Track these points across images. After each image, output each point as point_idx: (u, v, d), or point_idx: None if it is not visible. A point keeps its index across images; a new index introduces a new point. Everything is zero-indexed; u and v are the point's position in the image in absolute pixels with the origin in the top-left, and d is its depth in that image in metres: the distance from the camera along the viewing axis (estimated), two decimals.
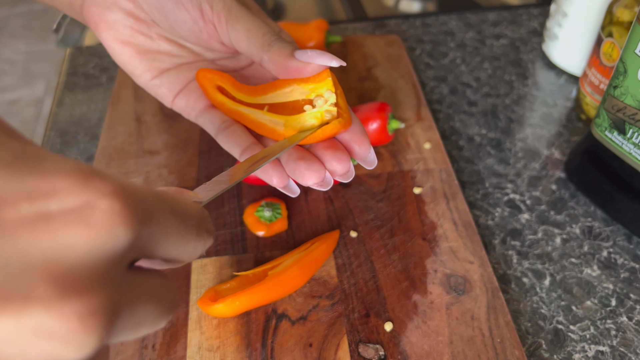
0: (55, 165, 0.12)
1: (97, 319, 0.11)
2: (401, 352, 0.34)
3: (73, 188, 0.11)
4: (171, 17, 0.30)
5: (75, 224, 0.11)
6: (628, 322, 0.38)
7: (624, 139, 0.40)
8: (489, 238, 0.43)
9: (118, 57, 0.33)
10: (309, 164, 0.28)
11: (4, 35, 2.05)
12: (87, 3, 0.32)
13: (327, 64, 0.28)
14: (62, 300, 0.11)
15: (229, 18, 0.29)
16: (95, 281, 0.12)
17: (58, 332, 0.11)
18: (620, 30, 0.46)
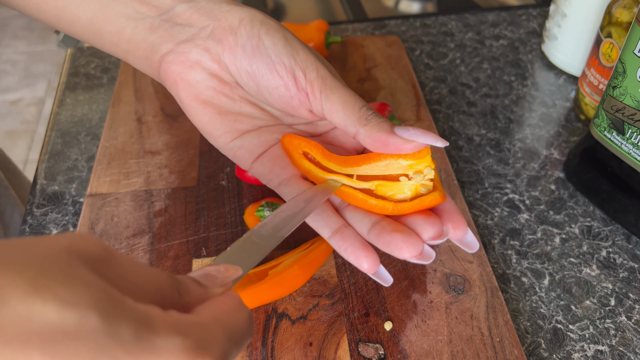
0: (166, 349, 0.15)
1: None
2: (401, 351, 0.35)
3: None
4: (263, 82, 0.30)
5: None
6: (627, 321, 0.38)
7: (622, 139, 0.40)
8: (488, 238, 0.43)
9: (198, 117, 0.32)
10: (406, 237, 0.27)
11: (5, 36, 2.06)
12: (167, 61, 0.31)
13: (431, 144, 0.28)
14: None
15: (323, 88, 0.29)
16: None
17: None
18: (619, 31, 0.47)
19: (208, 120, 0.31)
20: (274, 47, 0.29)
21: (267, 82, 0.29)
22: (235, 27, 0.29)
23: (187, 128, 0.50)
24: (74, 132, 0.52)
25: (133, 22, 0.31)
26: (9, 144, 1.66)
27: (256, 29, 0.29)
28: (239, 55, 0.29)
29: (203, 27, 0.30)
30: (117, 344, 0.14)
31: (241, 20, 0.29)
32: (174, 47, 0.31)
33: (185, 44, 0.30)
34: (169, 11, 0.30)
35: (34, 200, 0.46)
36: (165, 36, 0.31)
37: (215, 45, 0.30)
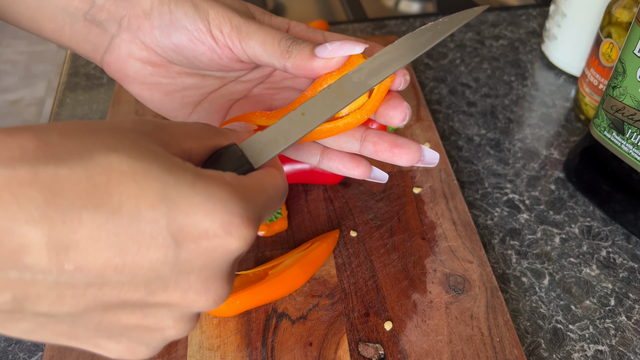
0: (207, 206, 0.18)
1: (222, 299, 0.20)
2: (401, 351, 0.35)
3: (220, 233, 0.18)
4: (189, 53, 0.31)
5: (220, 251, 0.19)
6: (627, 321, 0.38)
7: (622, 139, 0.40)
8: (488, 238, 0.43)
9: (150, 104, 0.33)
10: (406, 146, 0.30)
11: (5, 36, 2.06)
12: (105, 61, 0.32)
13: (351, 53, 0.29)
14: (207, 292, 0.19)
15: (240, 37, 0.30)
16: (225, 278, 0.20)
17: (200, 306, 0.19)
18: (619, 31, 0.47)
19: (160, 104, 0.33)
20: (186, 17, 0.30)
21: (193, 51, 0.31)
22: (148, 11, 0.30)
23: None
24: None
25: (69, 20, 0.31)
26: None
27: (165, 6, 0.30)
28: (158, 36, 0.30)
29: (121, 18, 0.31)
30: (175, 193, 0.18)
31: (152, 3, 0.30)
32: (108, 46, 0.32)
33: (115, 39, 0.31)
34: (93, 6, 0.31)
35: None
36: (99, 34, 0.32)
37: (137, 33, 0.31)
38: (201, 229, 0.18)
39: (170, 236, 0.17)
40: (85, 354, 0.34)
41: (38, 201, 0.15)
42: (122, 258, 0.17)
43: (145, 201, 0.17)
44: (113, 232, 0.16)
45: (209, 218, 0.18)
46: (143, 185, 0.17)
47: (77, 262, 0.16)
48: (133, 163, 0.17)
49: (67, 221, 0.16)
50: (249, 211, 0.19)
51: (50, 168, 0.16)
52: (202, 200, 0.18)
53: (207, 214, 0.18)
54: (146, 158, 0.18)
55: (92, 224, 0.16)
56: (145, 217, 0.17)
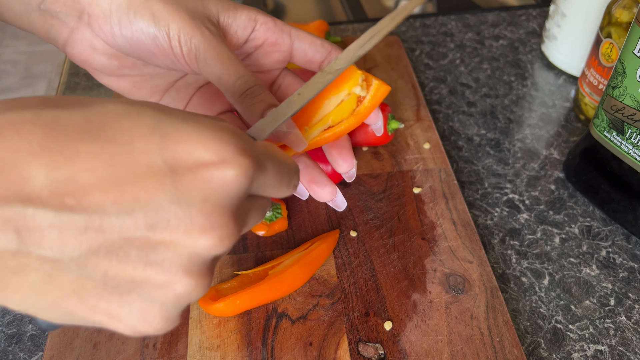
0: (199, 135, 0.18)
1: (229, 238, 0.19)
2: (400, 351, 0.35)
3: (216, 159, 0.18)
4: (150, 60, 0.32)
5: (217, 181, 0.18)
6: (627, 321, 0.38)
7: (622, 139, 0.40)
8: (488, 238, 0.43)
9: (119, 90, 0.34)
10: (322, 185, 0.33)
11: (5, 36, 2.06)
12: (68, 52, 0.32)
13: (289, 144, 0.31)
14: (211, 227, 0.18)
15: (198, 61, 0.30)
16: (229, 214, 0.19)
17: (206, 245, 0.18)
18: (619, 31, 0.47)
19: (129, 93, 0.35)
20: (146, 30, 0.30)
21: (155, 59, 0.31)
22: (107, 14, 0.30)
23: None
24: None
25: (25, 9, 0.32)
26: None
27: (124, 14, 0.30)
28: (120, 42, 0.31)
29: (80, 13, 0.31)
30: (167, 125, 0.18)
31: (110, 6, 0.30)
32: (68, 37, 0.32)
33: (75, 33, 0.31)
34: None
35: None
36: (56, 25, 0.32)
37: (99, 33, 0.31)
38: (195, 157, 0.18)
39: (164, 164, 0.17)
40: (85, 354, 0.34)
41: (38, 136, 0.16)
42: (119, 189, 0.17)
43: (138, 132, 0.18)
44: (109, 162, 0.17)
45: (202, 146, 0.18)
46: (136, 120, 0.18)
47: (77, 195, 0.16)
48: (128, 107, 0.18)
49: (65, 152, 0.16)
50: (244, 143, 0.19)
51: (51, 111, 0.17)
52: (194, 131, 0.18)
53: (200, 142, 0.18)
54: (142, 104, 0.19)
55: (88, 154, 0.17)
56: (139, 147, 0.17)
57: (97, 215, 0.17)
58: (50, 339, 0.35)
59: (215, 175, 0.18)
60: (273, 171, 0.21)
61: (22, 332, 0.37)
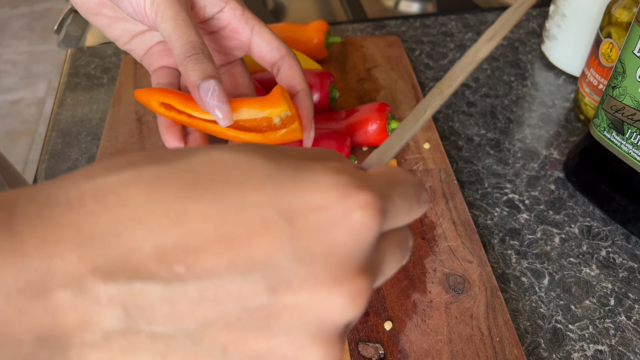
0: (314, 182, 0.16)
1: (361, 296, 0.16)
2: (400, 351, 0.35)
3: (336, 204, 0.16)
4: (122, 8, 0.35)
5: (342, 229, 0.16)
6: (627, 321, 0.38)
7: (622, 139, 0.40)
8: (488, 237, 0.43)
9: (96, 26, 0.39)
10: None
11: (5, 36, 2.06)
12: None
13: (214, 117, 0.32)
14: (339, 285, 0.16)
15: (156, 16, 0.33)
16: (359, 267, 0.16)
17: (336, 308, 0.16)
18: (618, 31, 0.47)
19: (103, 30, 0.39)
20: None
21: (124, 6, 0.34)
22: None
23: None
24: (74, 132, 0.52)
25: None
26: (10, 144, 1.66)
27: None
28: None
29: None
30: (280, 174, 0.16)
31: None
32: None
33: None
34: None
35: None
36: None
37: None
38: (313, 204, 0.16)
39: (280, 217, 0.15)
40: None
41: (141, 199, 0.15)
42: (233, 251, 0.15)
43: (250, 185, 0.16)
44: (219, 221, 0.15)
45: (317, 191, 0.16)
46: (247, 171, 0.16)
47: (187, 262, 0.15)
48: (236, 155, 0.17)
49: (172, 214, 0.15)
50: (361, 179, 0.17)
51: (152, 168, 0.16)
52: (308, 177, 0.16)
53: (316, 188, 0.16)
54: (249, 151, 0.17)
55: (197, 214, 0.15)
56: (251, 201, 0.16)
57: (211, 282, 0.15)
58: None
59: (338, 221, 0.16)
60: (400, 197, 0.19)
61: None
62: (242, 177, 0.16)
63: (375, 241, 0.17)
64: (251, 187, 0.16)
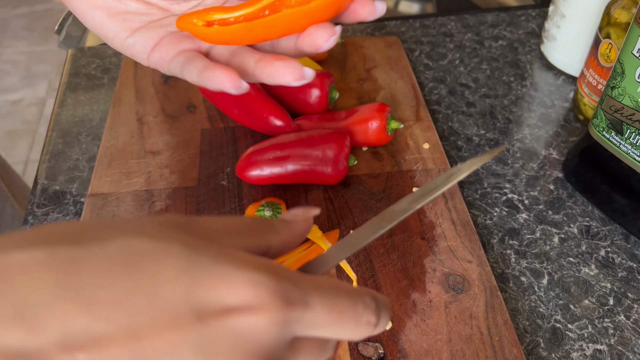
0: (230, 278, 0.16)
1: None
2: (400, 350, 0.35)
3: (246, 305, 0.16)
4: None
5: (247, 330, 0.16)
6: (626, 321, 0.38)
7: (621, 139, 0.40)
8: (488, 237, 0.43)
9: (90, 22, 0.33)
10: (286, 63, 0.29)
11: (5, 36, 2.06)
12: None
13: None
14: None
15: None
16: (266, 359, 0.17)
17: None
18: (617, 32, 0.47)
19: (99, 24, 0.33)
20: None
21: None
22: None
23: (188, 128, 0.50)
24: (74, 132, 0.52)
25: None
26: (10, 144, 1.66)
27: None
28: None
29: None
30: (197, 267, 0.16)
31: None
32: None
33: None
34: None
35: (35, 200, 0.46)
36: None
37: None
38: (223, 303, 0.16)
39: (190, 312, 0.16)
40: None
41: (51, 281, 0.15)
42: (138, 342, 0.15)
43: (164, 276, 0.16)
44: (129, 310, 0.15)
45: (230, 290, 0.16)
46: (163, 261, 0.16)
47: (90, 350, 0.15)
48: (154, 243, 0.16)
49: (80, 301, 0.15)
50: (279, 282, 0.17)
51: (66, 249, 0.15)
52: (226, 272, 0.16)
53: (229, 286, 0.16)
54: (169, 239, 0.17)
55: (106, 302, 0.15)
56: (164, 293, 0.16)
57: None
58: None
59: (241, 322, 0.16)
60: (324, 308, 0.18)
61: None
62: (157, 267, 0.16)
63: (282, 343, 0.17)
64: (166, 279, 0.16)
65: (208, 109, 0.52)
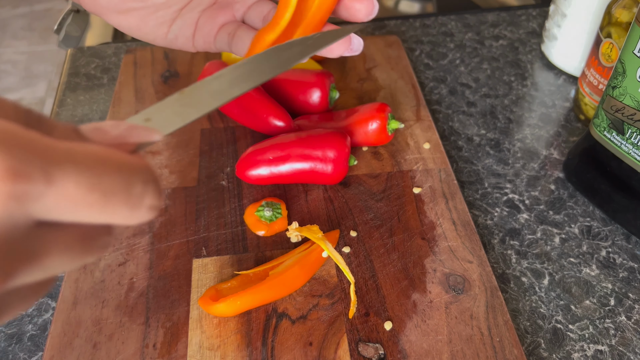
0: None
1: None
2: (400, 351, 0.35)
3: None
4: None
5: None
6: (627, 321, 0.38)
7: (622, 139, 0.40)
8: (488, 237, 0.43)
9: (129, 31, 0.35)
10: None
11: (5, 36, 2.06)
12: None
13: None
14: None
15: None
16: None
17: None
18: (619, 31, 0.47)
19: (137, 29, 0.35)
20: None
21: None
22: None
23: (188, 128, 0.50)
24: None
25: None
26: None
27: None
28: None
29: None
30: None
31: None
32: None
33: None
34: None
35: None
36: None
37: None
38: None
39: None
40: (85, 354, 0.34)
41: None
42: None
43: None
44: None
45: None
46: None
47: None
48: None
49: None
50: (16, 156, 0.13)
51: None
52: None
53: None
54: None
55: None
56: None
57: None
58: (50, 339, 0.35)
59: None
60: (80, 186, 0.14)
61: (22, 332, 0.37)
62: None
63: (22, 225, 0.14)
64: None
65: None
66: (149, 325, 0.36)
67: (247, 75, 0.24)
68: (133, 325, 0.36)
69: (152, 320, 0.36)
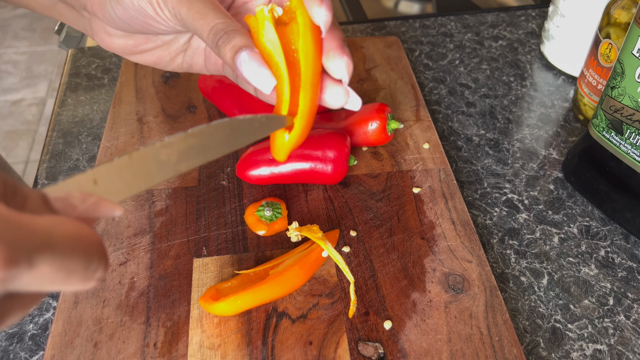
0: None
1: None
2: (400, 350, 0.35)
3: None
4: (154, 32, 0.33)
5: None
6: (626, 320, 0.38)
7: (621, 139, 0.41)
8: (487, 237, 0.43)
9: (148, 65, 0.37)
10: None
11: (6, 37, 2.06)
12: (98, 41, 0.35)
13: (257, 86, 0.30)
14: None
15: (179, 20, 0.31)
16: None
17: None
18: (617, 32, 0.47)
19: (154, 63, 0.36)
20: (131, 3, 0.31)
21: (154, 30, 0.33)
22: (102, 1, 0.32)
23: (188, 128, 0.50)
24: (75, 132, 0.52)
25: (50, 1, 0.34)
26: (10, 144, 1.66)
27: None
28: (119, 23, 0.33)
29: (84, 5, 0.33)
30: None
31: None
32: (90, 28, 0.34)
33: (92, 23, 0.33)
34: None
35: None
36: (78, 16, 0.34)
37: (104, 21, 0.33)
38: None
39: None
40: (86, 353, 0.35)
41: None
42: None
43: None
44: None
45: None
46: None
47: None
48: None
49: None
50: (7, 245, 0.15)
51: None
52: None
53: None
54: None
55: None
56: None
57: None
58: (51, 338, 0.35)
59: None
60: (53, 269, 0.16)
61: (23, 331, 0.37)
62: None
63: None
64: None
65: (208, 109, 0.52)
66: (150, 325, 0.36)
67: (196, 150, 0.24)
68: (134, 325, 0.36)
69: (152, 319, 0.36)
